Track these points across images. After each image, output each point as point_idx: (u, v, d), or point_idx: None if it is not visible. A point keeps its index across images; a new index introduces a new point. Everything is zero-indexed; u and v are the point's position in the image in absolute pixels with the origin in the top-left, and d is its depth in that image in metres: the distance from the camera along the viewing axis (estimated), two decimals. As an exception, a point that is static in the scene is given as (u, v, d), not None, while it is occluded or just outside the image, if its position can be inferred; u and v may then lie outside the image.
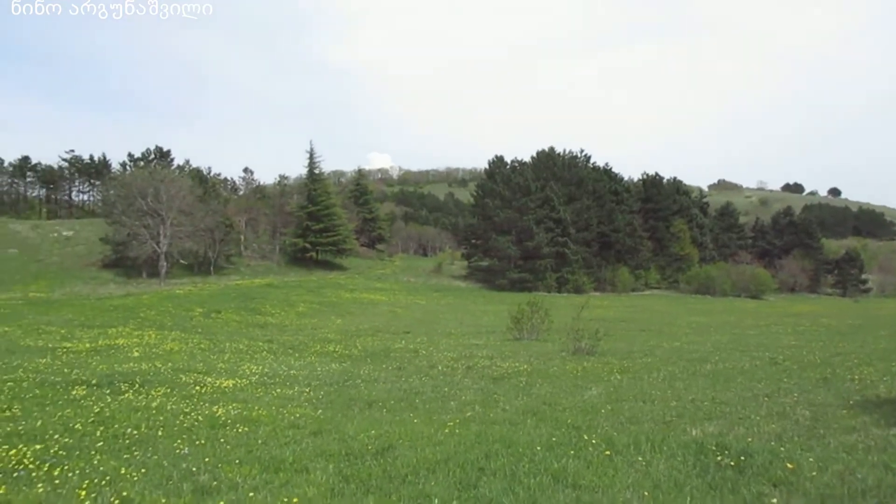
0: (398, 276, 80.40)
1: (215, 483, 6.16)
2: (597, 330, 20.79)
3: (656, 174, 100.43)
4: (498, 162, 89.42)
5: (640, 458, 6.69)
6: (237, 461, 7.04)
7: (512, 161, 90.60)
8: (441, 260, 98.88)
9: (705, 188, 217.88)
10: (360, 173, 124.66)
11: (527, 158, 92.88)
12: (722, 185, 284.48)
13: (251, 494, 5.71)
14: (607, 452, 6.91)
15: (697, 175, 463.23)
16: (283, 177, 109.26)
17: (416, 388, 13.28)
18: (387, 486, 6.00)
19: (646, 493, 5.58)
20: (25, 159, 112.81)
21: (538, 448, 7.16)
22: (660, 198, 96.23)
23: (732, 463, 6.40)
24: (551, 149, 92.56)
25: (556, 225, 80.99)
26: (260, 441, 8.09)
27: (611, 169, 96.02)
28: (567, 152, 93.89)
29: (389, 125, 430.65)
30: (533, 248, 77.78)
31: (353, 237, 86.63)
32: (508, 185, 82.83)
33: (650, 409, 10.21)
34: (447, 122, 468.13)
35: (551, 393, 12.21)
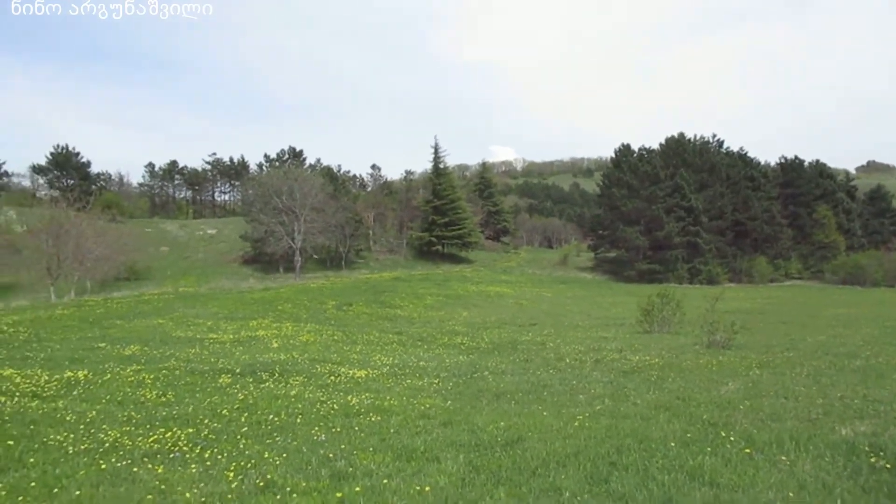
0: (523, 268, 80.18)
1: (351, 469, 6.39)
2: (733, 322, 19.81)
3: (796, 157, 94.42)
4: (624, 150, 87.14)
5: (783, 458, 6.34)
6: (371, 448, 7.26)
7: (639, 149, 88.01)
8: (567, 252, 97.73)
9: (853, 171, 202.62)
10: (484, 166, 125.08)
11: (655, 146, 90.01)
12: (872, 167, 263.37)
13: (385, 481, 5.87)
14: (747, 450, 6.59)
15: (843, 157, 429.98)
16: (408, 172, 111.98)
17: (544, 380, 13.19)
18: (517, 477, 6.01)
19: (791, 494, 5.29)
20: (173, 163, 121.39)
21: (672, 444, 6.95)
22: (801, 182, 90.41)
23: (888, 465, 5.94)
24: (681, 135, 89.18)
25: (687, 214, 78.08)
26: (392, 430, 8.31)
27: (746, 153, 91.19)
28: (698, 138, 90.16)
29: (512, 117, 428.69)
30: (663, 238, 75.42)
31: (478, 230, 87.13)
32: (636, 173, 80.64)
33: (793, 406, 9.63)
34: (571, 113, 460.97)
35: (684, 387, 11.78)
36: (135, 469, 6.44)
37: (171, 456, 7.01)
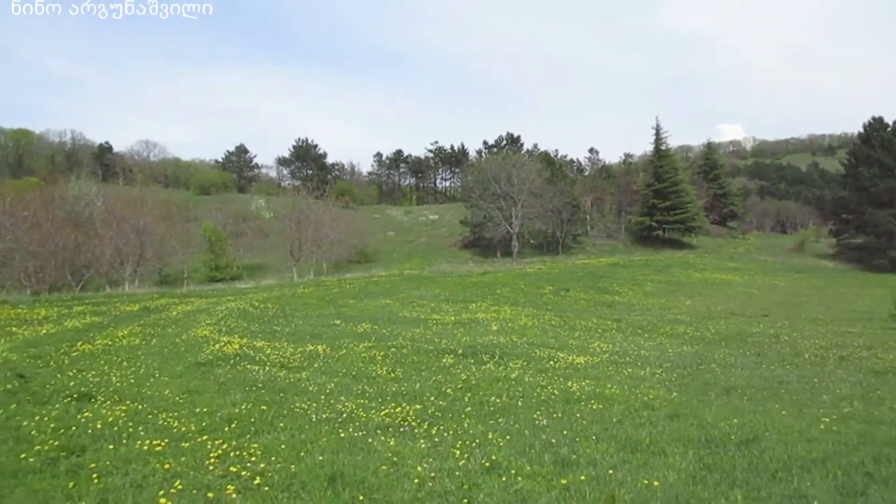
0: (753, 254, 74.87)
1: (574, 456, 6.32)
2: None
3: None
4: (875, 124, 77.76)
5: None
6: (593, 437, 7.14)
7: (894, 122, 78.17)
8: (804, 237, 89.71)
9: None
10: (710, 147, 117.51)
11: (914, 117, 79.25)
12: None
13: (610, 472, 5.73)
14: None
15: None
16: (628, 155, 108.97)
17: (780, 376, 12.18)
18: (754, 480, 5.58)
19: None
20: (398, 152, 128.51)
21: (943, 457, 6.08)
22: None
23: None
24: (947, 104, 77.87)
25: (955, 195, 68.10)
26: (615, 419, 8.11)
27: None
28: (969, 107, 78.15)
29: (741, 93, 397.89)
30: (923, 222, 66.55)
31: (703, 214, 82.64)
32: (890, 150, 71.74)
33: None
34: (809, 85, 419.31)
35: (955, 393, 10.29)
36: (370, 440, 6.87)
37: (402, 430, 7.39)
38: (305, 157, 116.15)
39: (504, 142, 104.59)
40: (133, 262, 49.14)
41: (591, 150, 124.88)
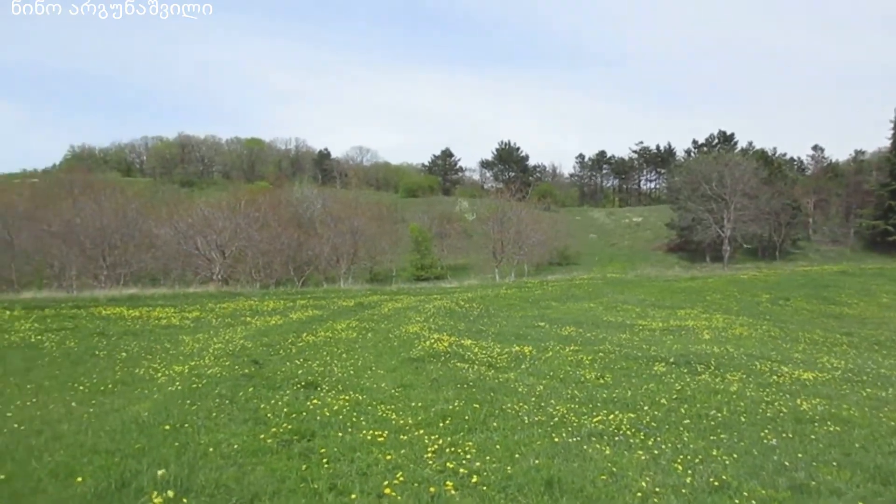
0: None
1: (813, 483, 5.73)
2: None
3: None
4: None
5: None
6: (833, 463, 6.45)
7: None
8: None
9: None
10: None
11: None
12: None
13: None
14: None
15: None
16: (858, 152, 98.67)
17: None
18: None
19: None
20: (601, 153, 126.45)
21: None
22: None
23: None
24: None
25: None
26: (857, 445, 7.28)
27: None
28: None
29: None
30: None
31: (954, 217, 72.98)
32: None
33: None
34: None
35: None
36: (584, 447, 6.69)
37: (616, 439, 7.12)
38: (508, 159, 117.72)
39: (715, 140, 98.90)
40: (347, 259, 52.52)
41: (814, 148, 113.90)
